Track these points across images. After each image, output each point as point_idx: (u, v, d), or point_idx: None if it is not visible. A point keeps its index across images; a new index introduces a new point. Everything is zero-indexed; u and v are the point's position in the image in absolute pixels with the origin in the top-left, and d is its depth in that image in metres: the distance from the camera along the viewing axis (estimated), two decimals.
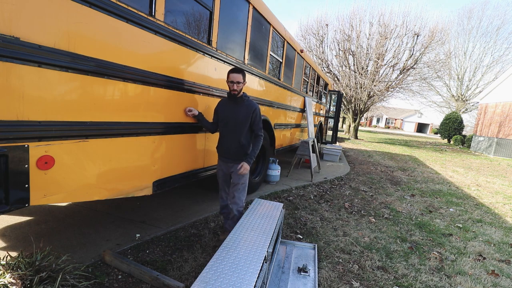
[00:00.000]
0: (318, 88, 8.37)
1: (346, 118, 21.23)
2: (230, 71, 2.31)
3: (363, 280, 2.25)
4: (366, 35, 17.30)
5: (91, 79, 1.57)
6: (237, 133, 2.38)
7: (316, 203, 4.04)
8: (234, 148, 2.41)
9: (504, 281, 2.44)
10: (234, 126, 2.38)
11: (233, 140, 2.40)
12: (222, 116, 2.42)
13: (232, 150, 2.42)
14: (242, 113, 2.37)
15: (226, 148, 2.44)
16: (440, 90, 26.38)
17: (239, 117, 2.37)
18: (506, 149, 14.11)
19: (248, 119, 2.39)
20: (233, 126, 2.38)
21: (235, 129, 2.38)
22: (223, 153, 2.48)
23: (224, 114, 2.41)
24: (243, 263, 1.55)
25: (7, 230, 2.53)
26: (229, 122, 2.38)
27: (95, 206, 3.19)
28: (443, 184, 6.35)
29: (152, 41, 1.95)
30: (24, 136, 1.33)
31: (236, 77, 2.28)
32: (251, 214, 2.28)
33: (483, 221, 3.96)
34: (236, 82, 2.29)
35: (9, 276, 1.57)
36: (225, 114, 2.40)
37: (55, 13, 1.36)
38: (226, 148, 2.44)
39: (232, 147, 2.41)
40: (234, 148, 2.41)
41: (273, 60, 4.39)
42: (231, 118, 2.38)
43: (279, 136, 5.05)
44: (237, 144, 2.40)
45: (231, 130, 2.39)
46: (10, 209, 1.33)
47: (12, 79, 1.24)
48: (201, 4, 2.44)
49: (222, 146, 2.47)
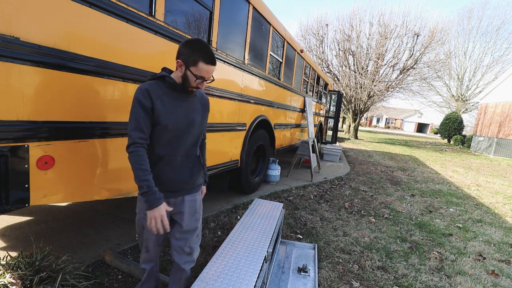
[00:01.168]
0: (318, 88, 8.37)
1: (346, 118, 21.23)
2: (205, 60, 1.31)
3: (363, 280, 2.25)
4: (366, 35, 17.31)
5: (91, 79, 1.57)
6: (194, 144, 1.49)
7: (316, 203, 4.04)
8: (188, 170, 1.47)
9: (504, 281, 2.44)
10: (188, 134, 1.43)
11: (188, 156, 1.46)
12: (169, 121, 1.35)
13: (185, 173, 1.46)
14: (198, 112, 1.48)
15: (176, 174, 1.43)
16: (440, 90, 26.41)
17: (196, 118, 1.46)
18: (506, 149, 14.11)
19: (205, 119, 1.55)
20: (187, 135, 1.43)
21: (191, 139, 1.46)
22: (169, 183, 1.42)
23: (172, 118, 1.36)
24: (243, 263, 1.55)
25: (7, 230, 2.53)
26: (181, 129, 1.40)
27: (95, 206, 3.19)
28: (443, 184, 6.35)
29: (152, 41, 1.95)
30: (24, 136, 1.32)
31: (212, 71, 1.37)
32: (251, 214, 2.28)
33: (483, 221, 3.96)
34: (208, 79, 1.38)
35: (9, 276, 1.57)
36: (174, 118, 1.37)
37: (55, 13, 1.36)
38: (175, 173, 1.43)
39: (186, 169, 1.46)
40: (189, 169, 1.47)
41: (273, 60, 4.39)
42: (184, 123, 1.41)
43: (279, 136, 5.05)
44: (194, 162, 1.50)
45: (184, 142, 1.43)
46: (10, 209, 1.33)
47: (12, 79, 1.24)
48: (201, 4, 2.44)
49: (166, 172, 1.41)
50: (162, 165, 1.40)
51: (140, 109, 1.30)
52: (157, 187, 1.32)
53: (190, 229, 1.55)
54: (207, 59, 1.32)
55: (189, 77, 1.34)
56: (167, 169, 1.41)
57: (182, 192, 1.49)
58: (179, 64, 1.34)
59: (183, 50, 1.32)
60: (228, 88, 3.05)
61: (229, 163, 3.34)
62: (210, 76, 1.38)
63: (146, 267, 1.61)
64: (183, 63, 1.32)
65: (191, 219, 1.54)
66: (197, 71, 1.32)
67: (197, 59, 1.30)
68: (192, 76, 1.33)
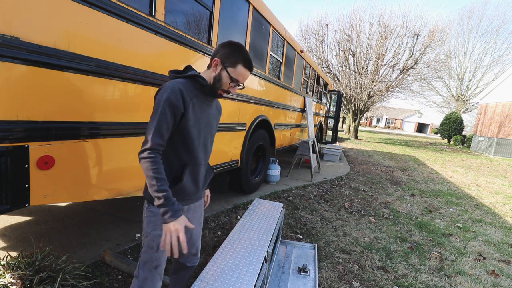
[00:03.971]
0: (318, 88, 8.37)
1: (346, 118, 21.23)
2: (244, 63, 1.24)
3: (363, 280, 2.25)
4: (366, 35, 17.31)
5: (91, 79, 1.57)
6: (209, 149, 1.43)
7: (316, 203, 4.04)
8: (203, 178, 1.42)
9: (504, 281, 2.44)
10: (208, 142, 1.39)
11: (205, 164, 1.41)
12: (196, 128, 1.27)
13: (202, 181, 1.40)
14: (215, 118, 1.43)
15: (196, 183, 1.35)
16: (440, 90, 26.42)
17: (214, 125, 1.42)
18: (506, 149, 14.11)
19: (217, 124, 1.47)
20: (208, 142, 1.39)
21: (210, 146, 1.42)
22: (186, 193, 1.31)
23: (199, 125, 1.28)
24: (243, 263, 1.55)
25: (7, 230, 2.53)
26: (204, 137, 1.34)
27: (95, 206, 3.19)
28: (443, 184, 6.35)
29: (152, 41, 1.95)
30: (24, 136, 1.32)
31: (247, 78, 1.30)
32: (251, 214, 2.28)
33: (483, 221, 3.96)
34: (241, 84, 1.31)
35: (9, 276, 1.57)
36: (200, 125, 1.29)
37: (55, 13, 1.36)
38: (195, 182, 1.35)
39: (202, 177, 1.40)
40: (204, 177, 1.42)
41: (273, 60, 4.39)
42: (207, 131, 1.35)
43: (279, 136, 5.05)
44: (207, 169, 1.47)
45: (205, 150, 1.37)
46: (10, 209, 1.33)
47: (12, 79, 1.24)
48: (201, 4, 2.44)
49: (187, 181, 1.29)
50: (184, 174, 1.26)
51: (168, 113, 1.14)
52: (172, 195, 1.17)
53: (198, 234, 1.52)
54: (247, 63, 1.24)
55: (224, 78, 1.23)
56: (188, 179, 1.29)
57: (193, 200, 1.40)
58: (216, 63, 1.23)
59: (223, 49, 1.23)
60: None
61: (229, 163, 3.34)
62: (244, 82, 1.30)
63: None
64: (220, 62, 1.22)
65: (199, 224, 1.51)
66: (234, 73, 1.23)
67: (238, 61, 1.22)
68: (227, 77, 1.23)
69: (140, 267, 1.30)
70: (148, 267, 1.28)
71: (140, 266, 1.30)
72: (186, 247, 1.14)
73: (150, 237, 1.27)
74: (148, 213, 1.26)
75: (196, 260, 1.57)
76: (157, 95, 1.18)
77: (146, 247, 1.28)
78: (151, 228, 1.26)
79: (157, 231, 1.25)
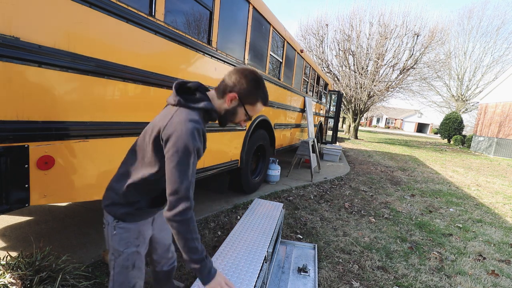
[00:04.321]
0: (318, 88, 8.37)
1: (346, 118, 21.23)
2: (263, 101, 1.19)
3: (363, 280, 2.25)
4: (366, 35, 17.31)
5: (91, 79, 1.57)
6: None
7: (316, 203, 4.04)
8: None
9: (504, 281, 2.44)
10: None
11: None
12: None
13: None
14: None
15: None
16: (440, 90, 26.43)
17: None
18: (506, 149, 14.11)
19: None
20: None
21: None
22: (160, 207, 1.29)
23: None
24: (243, 263, 1.55)
25: (7, 230, 2.53)
26: None
27: (95, 206, 3.19)
28: (443, 184, 6.35)
29: (152, 41, 1.95)
30: (24, 136, 1.32)
31: None
32: (251, 214, 2.28)
33: (483, 221, 3.96)
34: None
35: (9, 276, 1.57)
36: None
37: (55, 13, 1.36)
38: None
39: None
40: None
41: (273, 60, 4.39)
42: None
43: (279, 136, 5.05)
44: None
45: None
46: (10, 209, 1.33)
47: (12, 79, 1.24)
48: (201, 4, 2.44)
49: None
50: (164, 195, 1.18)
51: (196, 160, 1.04)
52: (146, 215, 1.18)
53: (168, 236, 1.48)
54: (265, 101, 1.18)
55: (239, 113, 1.16)
56: None
57: None
58: (232, 98, 1.12)
59: (242, 85, 1.11)
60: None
61: (229, 163, 3.34)
62: None
63: None
64: (238, 98, 1.12)
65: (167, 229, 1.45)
66: (252, 110, 1.16)
67: (258, 99, 1.15)
68: (243, 114, 1.16)
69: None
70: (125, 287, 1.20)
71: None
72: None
73: (124, 256, 1.17)
74: (119, 230, 1.14)
75: (173, 260, 1.55)
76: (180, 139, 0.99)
77: (120, 268, 1.18)
78: (123, 246, 1.16)
79: (131, 248, 1.17)
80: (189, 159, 1.00)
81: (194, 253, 1.04)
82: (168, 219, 1.00)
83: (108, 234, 1.17)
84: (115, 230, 1.14)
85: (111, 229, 1.15)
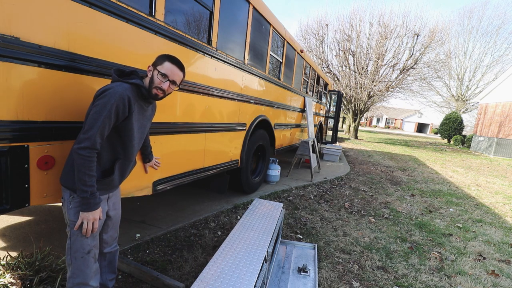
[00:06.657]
0: (318, 88, 8.37)
1: (346, 118, 21.23)
2: (169, 60, 1.43)
3: (363, 280, 2.25)
4: (366, 35, 17.32)
5: (91, 79, 1.57)
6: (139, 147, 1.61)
7: (316, 203, 4.04)
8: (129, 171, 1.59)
9: (504, 281, 2.44)
10: (141, 139, 1.57)
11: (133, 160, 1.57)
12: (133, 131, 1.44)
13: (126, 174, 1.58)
14: (150, 119, 1.61)
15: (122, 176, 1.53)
16: (440, 90, 26.41)
17: (147, 126, 1.61)
18: (506, 149, 14.11)
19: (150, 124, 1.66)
20: (140, 140, 1.57)
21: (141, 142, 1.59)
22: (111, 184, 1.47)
23: (136, 128, 1.46)
24: (243, 263, 1.55)
25: (7, 230, 2.53)
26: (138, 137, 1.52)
27: None
28: (443, 184, 6.35)
29: (152, 41, 1.95)
30: (24, 136, 1.32)
31: (177, 74, 1.46)
32: (251, 214, 2.28)
33: (483, 221, 3.96)
34: (172, 82, 1.44)
35: (9, 276, 1.57)
36: (141, 123, 1.50)
37: (55, 13, 1.36)
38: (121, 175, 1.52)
39: (128, 171, 1.57)
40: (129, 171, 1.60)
41: (273, 60, 4.39)
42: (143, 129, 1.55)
43: (279, 136, 5.05)
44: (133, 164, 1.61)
45: (137, 146, 1.55)
46: (10, 209, 1.33)
47: (12, 79, 1.24)
48: (201, 4, 2.44)
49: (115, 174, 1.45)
50: (113, 167, 1.44)
51: (113, 117, 1.30)
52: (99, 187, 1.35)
53: (119, 217, 1.67)
54: (172, 60, 1.45)
55: (155, 76, 1.42)
56: (117, 173, 1.46)
57: (116, 188, 1.57)
58: (149, 69, 1.45)
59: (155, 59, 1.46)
60: (228, 88, 3.05)
61: (229, 163, 3.34)
62: (174, 78, 1.45)
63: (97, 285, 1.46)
64: (152, 65, 1.45)
65: (119, 208, 1.65)
66: (162, 69, 1.42)
67: (164, 59, 1.43)
68: (157, 74, 1.41)
69: (72, 256, 1.38)
70: (80, 254, 1.38)
71: (72, 255, 1.38)
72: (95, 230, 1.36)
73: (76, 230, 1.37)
74: (75, 204, 1.35)
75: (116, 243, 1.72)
76: (104, 97, 1.28)
77: (76, 236, 1.36)
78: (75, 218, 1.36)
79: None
80: (103, 111, 1.26)
81: (82, 184, 1.25)
82: (73, 150, 1.26)
83: (65, 209, 1.39)
84: (71, 204, 1.36)
85: (67, 203, 1.36)
